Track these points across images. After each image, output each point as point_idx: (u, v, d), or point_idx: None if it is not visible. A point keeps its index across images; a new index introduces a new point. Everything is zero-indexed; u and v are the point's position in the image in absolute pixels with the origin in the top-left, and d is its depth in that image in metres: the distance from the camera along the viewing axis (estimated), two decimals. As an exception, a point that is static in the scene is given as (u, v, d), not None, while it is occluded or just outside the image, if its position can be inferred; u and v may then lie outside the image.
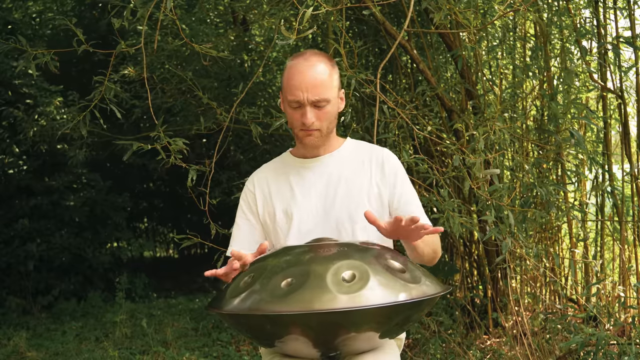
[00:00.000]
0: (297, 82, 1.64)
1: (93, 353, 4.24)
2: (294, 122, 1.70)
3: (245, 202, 1.82)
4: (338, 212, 1.70)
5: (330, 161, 1.78)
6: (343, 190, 1.73)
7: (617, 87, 3.65)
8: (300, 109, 1.66)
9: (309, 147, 1.73)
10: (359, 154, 1.80)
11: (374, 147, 1.85)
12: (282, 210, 1.75)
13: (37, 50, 2.80)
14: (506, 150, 3.51)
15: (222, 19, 5.85)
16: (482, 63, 3.84)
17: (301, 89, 1.63)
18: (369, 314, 1.25)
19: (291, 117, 1.70)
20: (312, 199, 1.73)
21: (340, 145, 1.81)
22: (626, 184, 3.77)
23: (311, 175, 1.77)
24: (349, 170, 1.76)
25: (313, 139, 1.70)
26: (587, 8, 3.60)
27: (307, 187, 1.75)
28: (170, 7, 2.62)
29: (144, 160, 6.49)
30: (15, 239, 5.91)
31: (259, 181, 1.82)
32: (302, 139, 1.71)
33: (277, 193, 1.78)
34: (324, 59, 1.69)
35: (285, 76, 1.69)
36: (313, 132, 1.69)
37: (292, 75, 1.66)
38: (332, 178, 1.75)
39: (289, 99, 1.66)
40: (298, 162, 1.80)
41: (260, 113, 3.47)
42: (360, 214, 1.69)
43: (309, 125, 1.66)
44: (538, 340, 3.30)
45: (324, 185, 1.74)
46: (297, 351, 1.40)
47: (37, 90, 5.71)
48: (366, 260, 1.32)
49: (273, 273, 1.32)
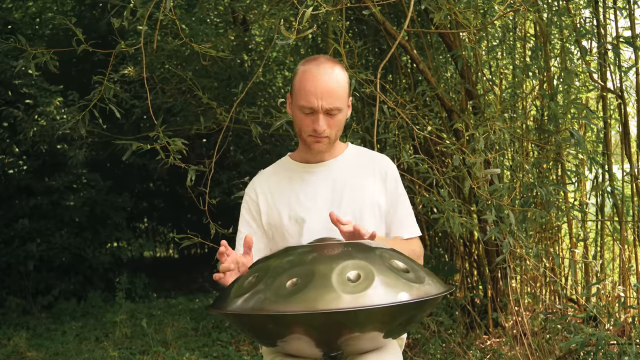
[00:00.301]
0: (312, 88, 1.62)
1: (93, 353, 4.23)
2: (304, 127, 1.68)
3: (247, 210, 1.81)
4: (344, 217, 1.69)
5: (334, 166, 1.77)
6: (349, 196, 1.73)
7: (617, 87, 3.65)
8: (312, 115, 1.65)
9: (315, 152, 1.72)
10: (362, 159, 1.81)
11: (375, 154, 1.86)
12: (289, 216, 1.73)
13: (36, 49, 2.79)
14: (506, 150, 3.51)
15: (222, 19, 5.85)
16: (482, 63, 3.84)
17: (316, 96, 1.62)
18: (374, 314, 1.25)
19: (301, 122, 1.68)
20: (319, 204, 1.72)
21: (344, 151, 1.81)
22: (626, 184, 3.77)
23: (316, 180, 1.76)
24: (353, 176, 1.76)
25: (322, 145, 1.69)
26: (587, 8, 3.60)
27: (313, 192, 1.74)
28: (170, 7, 2.62)
29: (144, 160, 6.49)
30: (15, 239, 5.91)
31: (260, 187, 1.80)
32: (310, 145, 1.70)
33: (281, 199, 1.76)
34: (338, 66, 1.69)
35: (297, 80, 1.67)
36: (322, 139, 1.68)
37: (306, 80, 1.64)
38: (337, 183, 1.74)
39: (300, 104, 1.65)
40: (301, 166, 1.79)
41: (260, 113, 3.47)
42: (365, 219, 1.71)
43: (320, 132, 1.65)
44: (538, 340, 3.30)
45: (329, 190, 1.74)
46: (300, 351, 1.40)
47: (37, 90, 5.70)
48: (371, 260, 1.33)
49: (277, 273, 1.32)
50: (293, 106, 1.71)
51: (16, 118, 5.52)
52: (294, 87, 1.69)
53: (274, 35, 3.19)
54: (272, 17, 3.58)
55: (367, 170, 1.78)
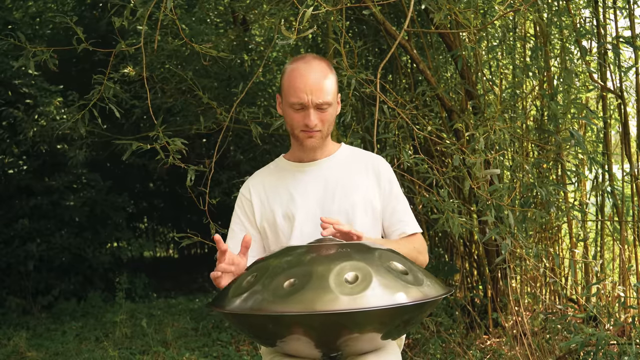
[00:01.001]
0: (301, 84, 1.65)
1: (93, 353, 4.23)
2: (295, 124, 1.71)
3: (241, 209, 1.83)
4: (336, 216, 1.71)
5: (326, 165, 1.79)
6: (340, 194, 1.74)
7: (617, 87, 3.65)
8: (303, 111, 1.68)
9: (308, 149, 1.74)
10: (355, 159, 1.83)
11: (369, 154, 1.87)
12: (282, 214, 1.75)
13: (35, 47, 2.79)
14: (506, 150, 3.50)
15: (222, 19, 5.85)
16: (482, 63, 3.84)
17: (305, 92, 1.65)
18: (372, 316, 1.25)
19: (292, 119, 1.71)
20: (310, 202, 1.74)
21: (336, 150, 1.84)
22: (626, 184, 3.77)
23: (308, 178, 1.78)
24: (346, 175, 1.78)
25: (314, 140, 1.72)
26: (587, 8, 3.60)
27: (305, 190, 1.76)
28: (170, 6, 2.62)
29: (144, 160, 6.49)
30: (15, 239, 5.91)
31: (254, 187, 1.83)
32: (303, 141, 1.72)
33: (275, 197, 1.78)
34: (324, 63, 1.72)
35: (286, 79, 1.70)
36: (315, 134, 1.71)
37: (295, 78, 1.67)
38: (329, 182, 1.76)
39: (291, 101, 1.67)
40: (294, 166, 1.82)
41: (260, 113, 3.48)
42: (357, 218, 1.72)
43: (312, 126, 1.68)
44: (538, 340, 3.30)
45: (321, 189, 1.76)
46: (299, 351, 1.40)
47: (37, 90, 5.70)
48: (369, 261, 1.32)
49: (275, 273, 1.32)
50: (283, 105, 1.74)
51: (16, 118, 5.51)
52: (283, 86, 1.72)
53: (274, 35, 3.19)
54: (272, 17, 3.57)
55: (360, 169, 1.80)
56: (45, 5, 7.22)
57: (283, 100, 1.74)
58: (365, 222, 1.75)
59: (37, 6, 7.07)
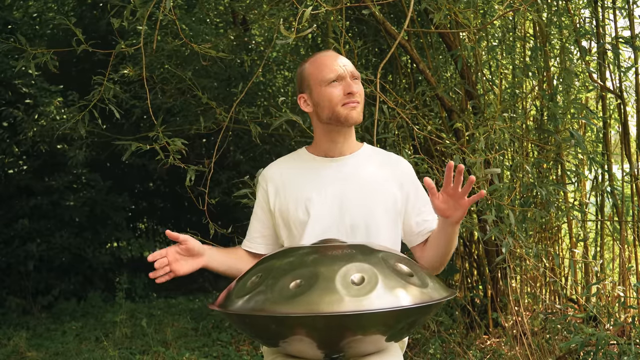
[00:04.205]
0: (331, 61, 1.69)
1: (93, 353, 4.24)
2: (334, 99, 1.67)
3: (259, 194, 1.83)
4: (353, 215, 1.68)
5: (350, 162, 1.75)
6: (360, 193, 1.70)
7: (616, 87, 3.66)
8: (340, 84, 1.67)
9: (351, 122, 1.69)
10: (377, 159, 1.79)
11: (391, 154, 1.84)
12: (297, 208, 1.71)
13: (36, 49, 2.79)
14: (506, 150, 3.51)
15: (222, 19, 5.85)
16: (482, 63, 3.84)
17: (338, 64, 1.68)
18: (377, 318, 1.24)
19: (330, 96, 1.67)
20: (328, 199, 1.69)
21: (360, 148, 1.80)
22: (626, 184, 3.77)
23: (329, 174, 1.73)
24: (367, 174, 1.74)
25: (357, 113, 1.68)
26: (587, 8, 3.60)
27: (324, 187, 1.71)
28: (169, 7, 2.62)
29: (144, 160, 6.49)
30: (15, 239, 5.91)
31: (271, 176, 1.79)
32: (347, 115, 1.67)
33: (292, 189, 1.74)
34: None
35: (310, 69, 1.71)
36: (357, 105, 1.68)
37: (321, 60, 1.71)
38: (349, 180, 1.72)
39: (327, 77, 1.67)
40: (318, 160, 1.77)
41: (260, 113, 3.48)
42: (375, 218, 1.68)
43: (355, 92, 1.67)
44: (538, 340, 3.30)
45: (340, 186, 1.71)
46: (301, 352, 1.40)
47: (37, 90, 5.70)
48: (375, 263, 1.31)
49: (280, 274, 1.31)
50: (314, 90, 1.70)
51: (16, 118, 5.51)
52: (309, 76, 1.71)
53: (274, 35, 3.19)
54: (272, 17, 3.58)
55: (382, 168, 1.76)
56: (45, 5, 7.21)
57: (312, 87, 1.70)
58: (386, 220, 1.71)
59: (37, 6, 7.07)
